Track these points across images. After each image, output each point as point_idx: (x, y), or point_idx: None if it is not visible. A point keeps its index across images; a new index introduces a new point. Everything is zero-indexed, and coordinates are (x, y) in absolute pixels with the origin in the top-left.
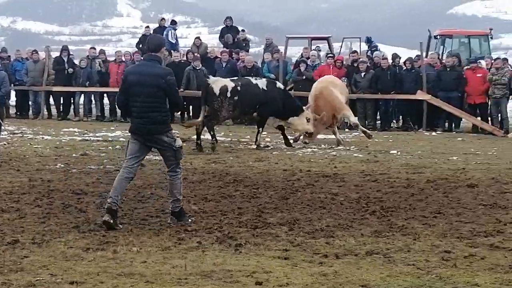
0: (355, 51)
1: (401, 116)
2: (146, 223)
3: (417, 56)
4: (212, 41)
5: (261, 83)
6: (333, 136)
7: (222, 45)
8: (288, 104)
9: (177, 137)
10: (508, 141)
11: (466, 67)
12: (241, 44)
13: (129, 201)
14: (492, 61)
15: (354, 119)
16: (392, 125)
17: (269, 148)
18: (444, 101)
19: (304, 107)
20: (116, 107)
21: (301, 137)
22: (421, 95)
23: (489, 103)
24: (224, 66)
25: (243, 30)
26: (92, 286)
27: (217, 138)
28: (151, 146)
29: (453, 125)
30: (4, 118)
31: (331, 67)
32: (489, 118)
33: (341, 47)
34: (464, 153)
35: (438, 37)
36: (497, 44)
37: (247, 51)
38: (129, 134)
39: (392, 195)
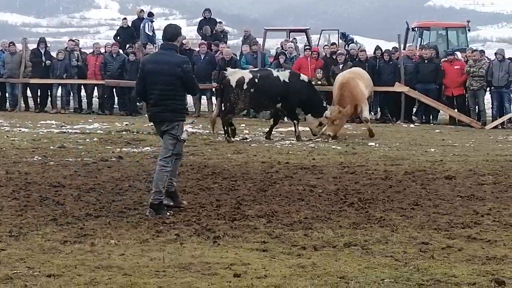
0: (333, 43)
1: (379, 108)
2: (124, 215)
3: (394, 48)
4: (190, 33)
5: (283, 75)
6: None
7: (200, 37)
8: (313, 100)
9: (186, 130)
10: (485, 133)
11: (443, 59)
12: (219, 36)
13: (107, 193)
14: (470, 53)
15: (366, 114)
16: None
17: (248, 140)
18: (422, 93)
19: (326, 111)
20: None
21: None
22: (399, 87)
23: (467, 95)
24: (202, 58)
25: (220, 22)
26: (70, 279)
27: (201, 131)
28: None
29: (431, 117)
30: None
31: (309, 59)
32: (467, 110)
33: (319, 39)
34: (441, 145)
35: (416, 29)
36: (474, 36)
37: (225, 43)
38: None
39: (370, 187)
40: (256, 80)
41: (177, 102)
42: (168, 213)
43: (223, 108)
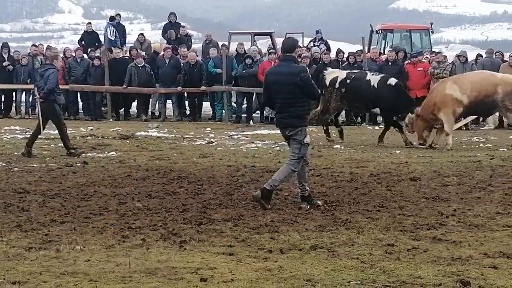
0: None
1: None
2: (90, 221)
3: (359, 50)
4: (155, 37)
5: (374, 79)
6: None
7: (165, 41)
8: (402, 105)
9: (307, 135)
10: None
11: (407, 61)
12: (184, 40)
13: (72, 199)
14: (433, 55)
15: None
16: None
17: (213, 144)
18: None
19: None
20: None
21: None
22: None
23: None
24: (167, 62)
25: (183, 26)
26: (35, 286)
27: (172, 134)
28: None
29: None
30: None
31: (273, 63)
32: None
33: None
34: (407, 147)
35: (380, 31)
36: (438, 38)
37: (190, 47)
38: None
39: (336, 189)
40: (348, 80)
41: (299, 109)
42: (269, 206)
43: (320, 108)
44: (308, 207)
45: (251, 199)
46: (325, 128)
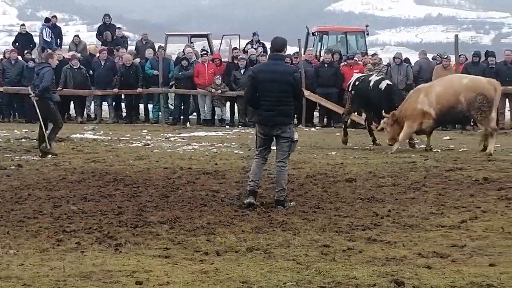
0: (235, 48)
1: None
2: (24, 224)
3: (295, 53)
4: (91, 39)
5: (372, 80)
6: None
7: (100, 43)
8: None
9: (295, 131)
10: (385, 136)
11: (343, 63)
12: (120, 42)
13: (5, 202)
14: (369, 57)
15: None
16: None
17: (150, 146)
18: (323, 97)
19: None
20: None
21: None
22: None
23: None
24: (102, 64)
25: (119, 28)
26: None
27: (106, 137)
28: (274, 136)
29: (332, 121)
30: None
31: (207, 65)
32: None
33: (220, 44)
34: (342, 148)
35: (316, 33)
36: (373, 40)
37: (126, 48)
38: (256, 125)
39: (272, 191)
40: (357, 82)
41: (289, 107)
42: (291, 204)
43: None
44: (252, 201)
45: (244, 207)
46: (343, 127)
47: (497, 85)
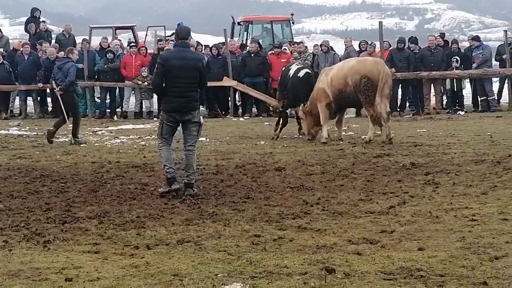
0: (160, 40)
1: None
2: None
3: (221, 43)
4: (14, 33)
5: (292, 69)
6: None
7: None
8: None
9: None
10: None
11: (270, 52)
12: (43, 36)
13: None
14: (295, 45)
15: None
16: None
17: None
18: (250, 87)
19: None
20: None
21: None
22: (227, 82)
23: None
24: (26, 58)
25: (43, 22)
26: None
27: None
28: (181, 122)
29: (259, 110)
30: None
31: (134, 56)
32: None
33: (146, 35)
34: (270, 137)
35: (242, 23)
36: (299, 28)
37: (50, 42)
38: (164, 113)
39: (202, 182)
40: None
41: (197, 93)
42: (194, 190)
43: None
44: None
45: (183, 198)
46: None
47: (382, 67)
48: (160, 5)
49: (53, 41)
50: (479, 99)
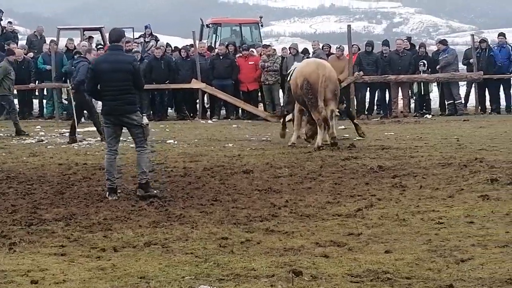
0: (128, 41)
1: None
2: None
3: (189, 45)
4: None
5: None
6: None
7: None
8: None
9: (143, 116)
10: (279, 126)
11: (238, 55)
12: (10, 36)
13: None
14: (263, 48)
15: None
16: (168, 114)
17: (44, 142)
18: (219, 89)
19: None
20: None
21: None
22: (196, 84)
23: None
24: None
25: (9, 22)
26: None
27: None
28: (122, 125)
29: (227, 112)
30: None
31: None
32: (262, 104)
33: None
34: (239, 140)
35: (210, 25)
36: (268, 31)
37: (16, 43)
38: (102, 116)
39: (170, 184)
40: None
41: (132, 96)
42: (155, 192)
43: None
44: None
45: (142, 199)
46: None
47: (323, 71)
48: (129, 6)
49: (24, 42)
50: (446, 103)
